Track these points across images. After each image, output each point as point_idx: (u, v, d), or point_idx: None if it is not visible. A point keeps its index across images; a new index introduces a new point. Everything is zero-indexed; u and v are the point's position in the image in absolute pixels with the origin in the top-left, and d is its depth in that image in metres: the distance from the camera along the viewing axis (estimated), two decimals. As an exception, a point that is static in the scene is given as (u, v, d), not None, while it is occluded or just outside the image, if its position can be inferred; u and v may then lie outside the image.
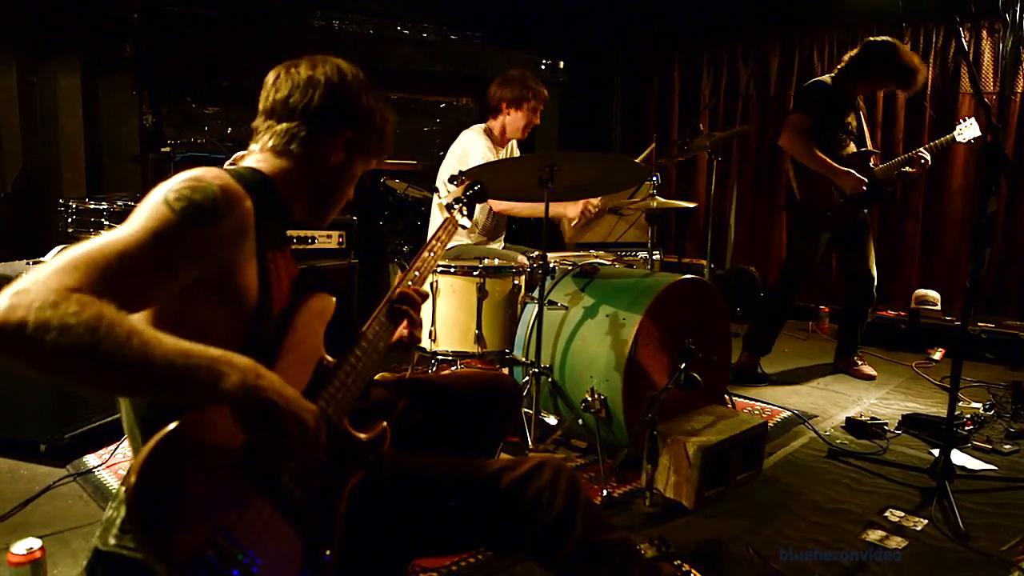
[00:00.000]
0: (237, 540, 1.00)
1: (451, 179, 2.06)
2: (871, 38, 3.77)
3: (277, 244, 1.29)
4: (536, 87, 3.46)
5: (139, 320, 0.96)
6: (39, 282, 0.90)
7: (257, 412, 1.01)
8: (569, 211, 3.53)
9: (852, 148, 3.86)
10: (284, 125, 1.32)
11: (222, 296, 1.14)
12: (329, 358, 1.30)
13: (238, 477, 1.06)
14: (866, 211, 3.94)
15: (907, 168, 3.77)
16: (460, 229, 1.94)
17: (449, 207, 1.93)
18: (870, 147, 3.91)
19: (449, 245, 2.06)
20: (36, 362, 0.87)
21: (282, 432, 1.03)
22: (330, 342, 1.32)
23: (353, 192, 1.48)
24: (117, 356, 0.89)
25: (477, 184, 2.00)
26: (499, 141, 3.56)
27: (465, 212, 1.93)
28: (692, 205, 3.70)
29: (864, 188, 3.70)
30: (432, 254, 1.72)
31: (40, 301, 0.87)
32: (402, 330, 1.56)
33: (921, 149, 3.77)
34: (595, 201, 3.54)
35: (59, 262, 0.94)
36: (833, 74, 3.84)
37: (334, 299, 1.35)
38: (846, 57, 3.83)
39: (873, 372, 4.12)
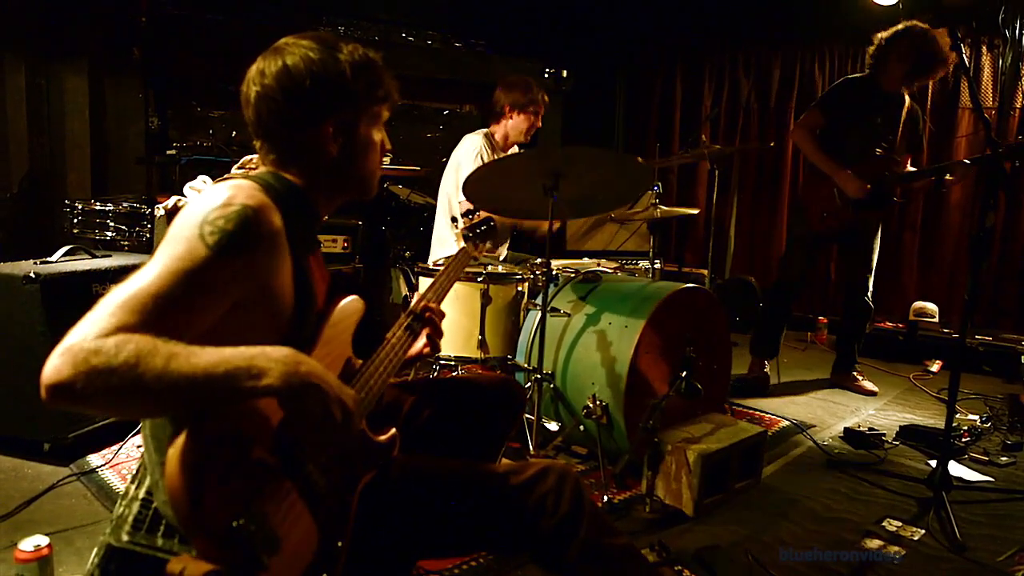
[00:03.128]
0: (265, 517, 1.02)
1: (464, 213, 2.15)
2: (896, 28, 3.57)
3: (310, 249, 1.31)
4: (538, 91, 3.53)
5: (173, 342, 0.98)
6: (81, 334, 0.95)
7: (304, 398, 1.03)
8: (543, 225, 3.56)
9: (879, 150, 3.72)
10: (272, 141, 1.32)
11: (262, 308, 1.17)
12: (356, 359, 1.33)
13: (270, 459, 1.08)
14: (875, 220, 3.81)
15: (947, 176, 3.54)
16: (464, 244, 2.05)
17: (466, 238, 2.04)
18: (896, 152, 3.74)
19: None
20: (95, 407, 0.94)
21: (327, 415, 1.06)
22: (354, 345, 1.35)
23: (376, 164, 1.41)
24: (161, 383, 0.93)
25: (491, 220, 2.11)
26: (501, 146, 3.60)
27: (476, 246, 2.05)
28: (695, 211, 3.73)
29: (865, 194, 3.61)
30: (447, 279, 1.79)
31: (84, 353, 0.92)
32: (423, 344, 1.60)
33: (960, 161, 3.58)
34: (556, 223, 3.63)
35: (97, 310, 0.98)
36: (865, 71, 3.73)
37: (363, 302, 1.37)
38: (871, 49, 3.66)
39: (874, 388, 4.03)
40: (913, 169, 3.81)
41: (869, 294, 3.92)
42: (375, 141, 1.40)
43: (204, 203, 1.11)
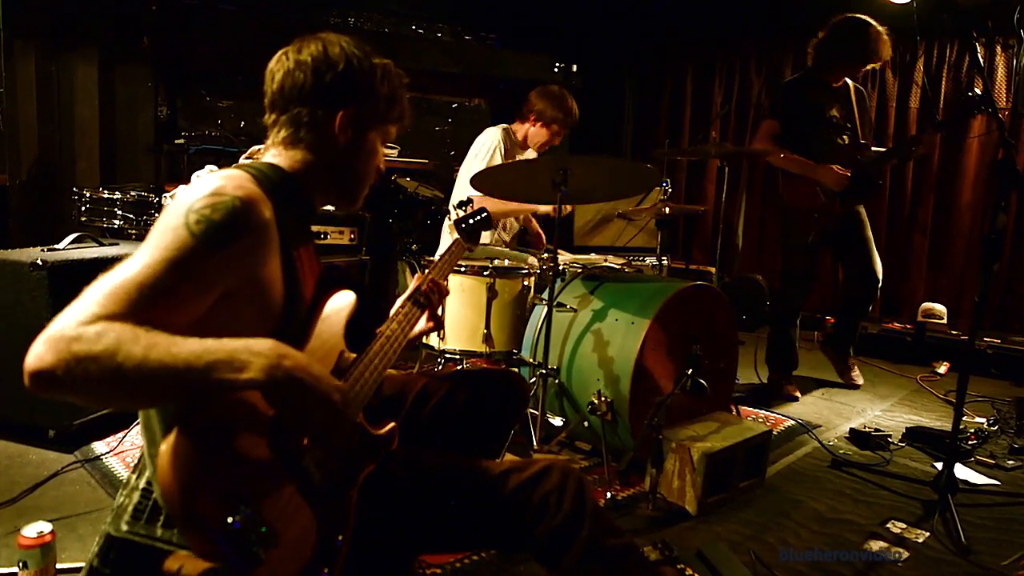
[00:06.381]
0: (260, 513, 1.02)
1: (459, 204, 2.15)
2: (835, 19, 3.65)
3: (301, 242, 1.30)
4: (569, 112, 3.53)
5: (156, 331, 0.97)
6: (63, 322, 0.95)
7: (286, 392, 1.01)
8: (541, 209, 3.58)
9: (844, 139, 3.72)
10: (286, 115, 1.32)
11: (250, 300, 1.16)
12: (349, 353, 1.32)
13: (265, 454, 1.07)
14: (860, 207, 3.81)
15: (913, 148, 3.64)
16: (490, 233, 2.03)
17: (458, 229, 2.03)
18: (860, 138, 3.75)
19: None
20: (77, 395, 0.94)
21: (311, 410, 1.04)
22: (348, 338, 1.34)
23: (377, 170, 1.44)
24: (140, 372, 0.93)
25: (484, 211, 2.09)
26: (520, 144, 3.63)
27: (468, 239, 2.04)
28: (702, 209, 3.72)
29: (847, 182, 3.59)
30: (440, 273, 1.79)
31: (66, 341, 0.93)
32: (425, 322, 1.62)
33: (925, 132, 3.67)
34: (567, 208, 3.66)
35: (83, 298, 0.98)
36: (803, 71, 3.77)
37: (355, 295, 1.37)
38: (811, 45, 3.72)
39: (860, 382, 4.10)
40: (882, 150, 3.80)
41: (879, 283, 3.87)
42: (377, 151, 1.42)
43: (193, 193, 1.11)
